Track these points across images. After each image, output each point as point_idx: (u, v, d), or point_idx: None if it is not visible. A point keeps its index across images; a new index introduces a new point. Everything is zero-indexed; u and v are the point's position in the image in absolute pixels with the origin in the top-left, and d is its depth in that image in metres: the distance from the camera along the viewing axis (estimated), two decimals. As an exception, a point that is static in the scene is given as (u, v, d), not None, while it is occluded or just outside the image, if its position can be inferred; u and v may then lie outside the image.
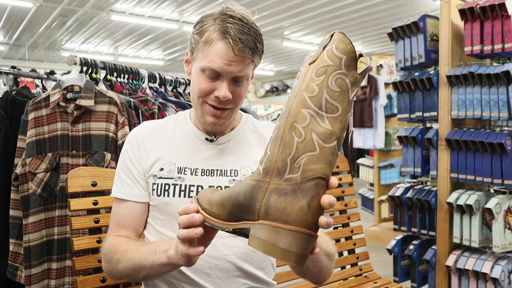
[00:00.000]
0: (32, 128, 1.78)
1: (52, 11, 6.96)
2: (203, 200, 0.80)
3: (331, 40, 0.69)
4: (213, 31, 0.97)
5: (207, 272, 1.01)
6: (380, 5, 6.67)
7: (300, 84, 0.70)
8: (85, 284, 1.20)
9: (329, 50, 0.68)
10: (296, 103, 0.68)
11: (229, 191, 0.75)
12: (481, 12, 2.21)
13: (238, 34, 0.94)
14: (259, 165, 0.70)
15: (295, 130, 0.67)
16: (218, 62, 0.96)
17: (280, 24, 7.84)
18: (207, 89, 1.00)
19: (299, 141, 0.66)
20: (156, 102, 2.06)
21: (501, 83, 2.17)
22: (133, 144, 1.10)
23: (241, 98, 1.03)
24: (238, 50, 0.95)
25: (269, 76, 13.64)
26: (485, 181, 2.24)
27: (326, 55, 0.68)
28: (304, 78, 0.70)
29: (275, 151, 0.68)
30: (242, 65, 0.97)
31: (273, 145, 0.69)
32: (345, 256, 1.80)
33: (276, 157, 0.68)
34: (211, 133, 1.09)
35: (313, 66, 0.69)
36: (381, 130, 4.49)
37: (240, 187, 0.72)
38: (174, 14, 7.24)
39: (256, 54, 0.99)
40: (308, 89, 0.68)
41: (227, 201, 0.74)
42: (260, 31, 1.01)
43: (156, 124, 1.14)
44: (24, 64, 9.86)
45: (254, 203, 0.68)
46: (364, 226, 4.04)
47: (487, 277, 2.18)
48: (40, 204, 1.76)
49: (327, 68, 0.67)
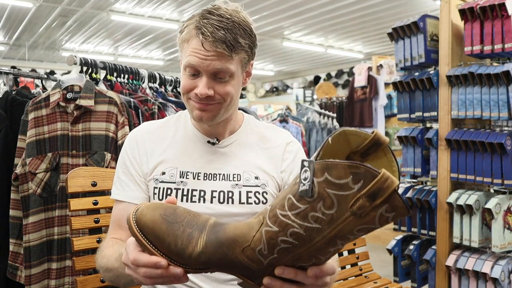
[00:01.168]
0: (32, 128, 1.78)
1: (52, 11, 6.96)
2: (160, 245, 0.73)
3: (388, 202, 0.59)
4: (191, 29, 0.97)
5: (206, 275, 1.00)
6: (380, 5, 6.67)
7: (335, 229, 0.64)
8: (85, 284, 1.20)
9: (382, 217, 0.60)
10: (324, 244, 0.65)
11: (214, 261, 0.72)
12: (481, 12, 2.21)
13: (211, 29, 0.92)
14: (259, 255, 0.70)
15: (315, 258, 0.68)
16: (193, 58, 0.95)
17: (280, 24, 7.84)
18: (188, 86, 0.99)
19: (316, 262, 0.70)
20: (156, 102, 2.06)
21: (501, 83, 2.17)
22: (133, 146, 1.08)
23: (228, 94, 0.99)
24: (209, 45, 0.93)
25: (269, 76, 13.63)
26: (485, 181, 2.24)
27: (377, 219, 0.60)
28: (342, 227, 0.62)
29: (284, 258, 0.69)
30: (218, 61, 0.94)
31: (282, 252, 0.68)
32: (345, 256, 1.80)
33: (284, 262, 0.70)
34: (212, 135, 1.07)
35: (358, 221, 0.61)
36: (381, 130, 4.49)
37: (232, 263, 0.72)
38: (174, 14, 7.24)
39: (236, 50, 0.95)
40: (343, 239, 0.65)
41: (213, 266, 0.73)
42: (249, 27, 0.98)
43: (157, 125, 1.12)
44: (24, 64, 9.86)
45: (254, 278, 0.73)
46: (364, 226, 4.05)
47: (487, 277, 2.18)
48: (40, 204, 1.76)
49: (370, 229, 0.63)
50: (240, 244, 0.70)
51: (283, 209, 0.66)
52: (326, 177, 0.60)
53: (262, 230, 0.68)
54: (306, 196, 0.62)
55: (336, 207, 0.60)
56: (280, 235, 0.66)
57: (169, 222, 0.72)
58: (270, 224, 0.67)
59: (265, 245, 0.68)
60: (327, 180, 0.60)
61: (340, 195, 0.60)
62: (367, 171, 0.58)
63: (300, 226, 0.64)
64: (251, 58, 1.03)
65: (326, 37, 8.91)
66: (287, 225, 0.65)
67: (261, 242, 0.68)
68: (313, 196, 0.61)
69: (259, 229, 0.69)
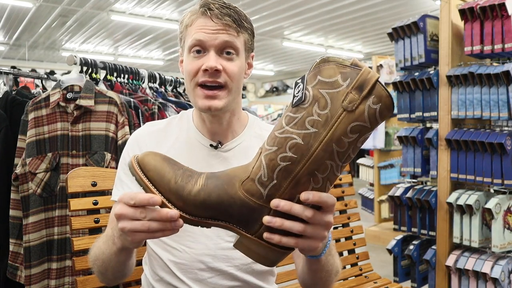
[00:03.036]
0: (32, 128, 1.78)
1: (52, 11, 6.97)
2: (160, 181, 0.71)
3: (373, 93, 0.65)
4: (194, 13, 0.97)
5: (206, 282, 1.00)
6: (380, 5, 6.68)
7: (330, 130, 0.66)
8: (85, 284, 1.20)
9: (371, 109, 0.65)
10: (322, 152, 0.66)
11: (213, 198, 0.70)
12: (481, 12, 2.21)
13: (217, 5, 0.94)
14: (258, 185, 0.69)
15: (314, 177, 0.68)
16: (200, 34, 0.95)
17: (280, 24, 7.85)
18: (195, 67, 0.96)
19: (315, 187, 0.69)
20: (156, 102, 2.06)
21: (501, 83, 2.17)
22: (135, 148, 1.06)
23: (234, 76, 0.97)
24: (217, 18, 0.93)
25: (269, 76, 13.64)
26: (485, 181, 2.24)
27: (367, 113, 0.66)
28: (336, 126, 0.66)
29: (284, 184, 0.68)
30: (225, 33, 0.94)
31: (281, 175, 0.68)
32: (345, 256, 1.80)
33: (284, 189, 0.68)
34: (215, 135, 1.05)
35: (350, 117, 0.66)
36: (381, 130, 4.50)
37: (231, 200, 0.70)
38: (174, 14, 7.24)
39: (241, 27, 0.97)
40: (339, 144, 0.66)
41: (211, 207, 0.70)
42: (245, 14, 1.00)
43: (159, 126, 1.10)
44: (24, 64, 9.86)
45: (252, 223, 0.71)
46: (364, 226, 4.04)
47: (487, 277, 2.18)
48: (40, 204, 1.76)
49: (362, 128, 0.66)
50: (240, 178, 0.71)
51: (281, 127, 0.69)
52: (319, 78, 0.67)
53: (262, 157, 0.70)
54: (300, 103, 0.67)
55: (329, 105, 0.66)
56: (280, 152, 0.68)
57: (171, 163, 0.74)
58: (268, 147, 0.69)
59: (265, 169, 0.68)
60: (319, 81, 0.67)
61: (332, 93, 0.66)
62: (352, 69, 0.67)
63: (298, 134, 0.67)
64: (252, 47, 1.03)
65: (326, 37, 8.91)
66: (286, 139, 0.68)
67: (261, 168, 0.69)
68: (308, 100, 0.67)
69: (258, 158, 0.70)
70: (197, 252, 1.00)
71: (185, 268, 1.00)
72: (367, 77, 0.66)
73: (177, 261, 1.01)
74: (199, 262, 1.00)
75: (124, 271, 0.97)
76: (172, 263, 1.01)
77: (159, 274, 1.04)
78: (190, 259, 1.00)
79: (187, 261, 1.00)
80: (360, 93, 0.65)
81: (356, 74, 0.66)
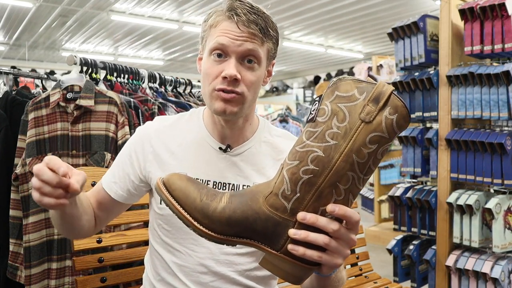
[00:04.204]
0: (32, 128, 1.78)
1: (52, 11, 6.97)
2: (185, 200, 0.73)
3: (389, 104, 0.68)
4: (219, 14, 0.95)
5: (208, 285, 1.00)
6: (380, 5, 6.68)
7: (350, 141, 0.68)
8: (85, 284, 1.20)
9: (388, 119, 0.68)
10: (343, 163, 0.68)
11: (238, 215, 0.71)
12: (481, 12, 2.21)
13: (245, 11, 0.91)
14: (282, 199, 0.70)
15: (336, 189, 0.69)
16: (223, 38, 0.92)
17: (280, 24, 7.84)
18: (215, 72, 0.93)
19: (337, 199, 0.70)
20: (156, 102, 2.06)
21: (501, 83, 2.17)
22: (137, 146, 1.05)
23: (252, 85, 0.95)
24: (243, 25, 0.91)
25: (269, 76, 13.63)
26: (485, 181, 2.24)
27: (384, 124, 0.68)
28: (355, 137, 0.68)
29: (307, 197, 0.69)
30: (250, 42, 0.92)
31: (304, 188, 0.69)
32: (345, 256, 1.80)
33: (307, 202, 0.70)
34: (226, 139, 1.03)
35: (368, 128, 0.68)
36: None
37: (255, 215, 0.71)
38: (174, 14, 7.24)
39: (267, 36, 0.95)
40: (359, 155, 0.68)
41: (236, 223, 0.71)
42: (273, 20, 0.97)
43: (168, 123, 1.08)
44: (24, 64, 9.86)
45: (277, 238, 0.72)
46: (364, 226, 4.04)
47: (487, 277, 2.18)
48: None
49: (381, 139, 0.68)
50: (263, 193, 0.72)
51: (301, 142, 0.71)
52: (336, 94, 0.70)
53: (283, 171, 0.71)
54: (318, 116, 0.70)
55: (348, 118, 0.69)
56: (302, 165, 0.69)
57: (195, 183, 0.76)
58: (290, 162, 0.71)
59: (288, 183, 0.70)
60: (337, 96, 0.70)
61: (350, 106, 0.69)
62: (368, 84, 0.70)
63: (319, 147, 0.69)
64: (274, 55, 1.02)
65: (326, 37, 8.91)
66: (307, 152, 0.69)
67: (283, 182, 0.70)
68: (327, 114, 0.69)
69: (280, 173, 0.72)
70: (200, 256, 1.00)
71: (188, 271, 1.00)
72: (383, 89, 0.69)
73: (180, 264, 1.01)
74: (201, 265, 1.00)
75: (71, 229, 1.01)
76: (175, 265, 1.01)
77: (161, 274, 1.04)
78: (193, 262, 1.00)
79: (190, 264, 1.00)
80: (376, 105, 0.68)
81: (371, 88, 0.69)
